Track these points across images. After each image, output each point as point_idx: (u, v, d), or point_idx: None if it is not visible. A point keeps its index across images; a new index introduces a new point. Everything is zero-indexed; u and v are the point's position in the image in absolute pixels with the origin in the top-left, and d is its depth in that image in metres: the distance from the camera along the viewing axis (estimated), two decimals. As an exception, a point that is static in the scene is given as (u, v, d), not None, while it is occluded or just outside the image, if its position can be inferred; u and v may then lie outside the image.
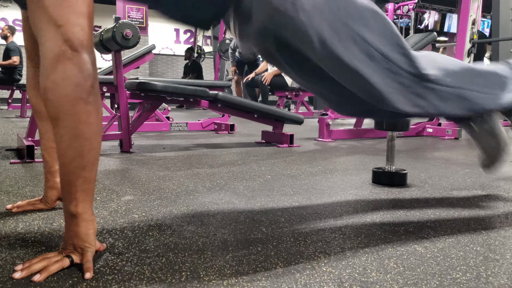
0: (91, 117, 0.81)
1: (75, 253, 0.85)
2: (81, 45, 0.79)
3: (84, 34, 0.79)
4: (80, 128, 0.80)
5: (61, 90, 0.78)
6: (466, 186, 1.70)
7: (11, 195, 1.43)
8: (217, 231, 1.10)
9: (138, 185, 1.63)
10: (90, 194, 0.87)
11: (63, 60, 0.77)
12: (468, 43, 4.59)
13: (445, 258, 0.94)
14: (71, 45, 0.77)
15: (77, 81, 0.78)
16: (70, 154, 0.82)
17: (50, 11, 0.76)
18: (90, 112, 0.81)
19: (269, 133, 3.13)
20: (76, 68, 0.78)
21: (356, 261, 0.91)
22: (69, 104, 0.78)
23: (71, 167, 0.83)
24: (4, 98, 7.52)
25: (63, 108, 0.78)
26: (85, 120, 0.81)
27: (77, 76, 0.78)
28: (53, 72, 0.77)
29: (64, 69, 0.77)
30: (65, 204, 0.87)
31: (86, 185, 0.85)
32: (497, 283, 0.81)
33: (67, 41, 0.77)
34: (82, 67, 0.79)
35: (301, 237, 1.06)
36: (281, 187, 1.64)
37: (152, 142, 3.07)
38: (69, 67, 0.77)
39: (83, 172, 0.84)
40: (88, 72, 0.80)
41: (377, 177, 1.74)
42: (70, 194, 0.85)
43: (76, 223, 0.86)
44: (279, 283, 0.80)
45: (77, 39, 0.78)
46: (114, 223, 1.16)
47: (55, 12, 0.76)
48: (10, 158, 2.20)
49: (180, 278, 0.82)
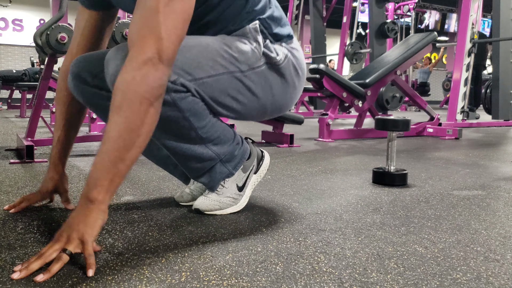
0: (149, 118, 0.90)
1: (71, 243, 0.85)
2: (168, 60, 0.91)
3: (173, 53, 0.92)
4: (137, 124, 0.88)
5: (135, 86, 0.88)
6: (467, 186, 1.70)
7: (10, 195, 1.43)
8: (217, 231, 1.10)
9: (138, 185, 1.63)
10: (115, 187, 0.91)
11: (149, 64, 0.88)
12: (468, 43, 4.59)
13: (445, 258, 0.94)
14: (161, 56, 0.89)
15: (152, 85, 0.89)
16: (118, 143, 0.88)
17: (158, 26, 0.90)
18: (151, 114, 0.90)
19: (269, 133, 3.13)
20: (156, 75, 0.89)
21: (356, 261, 0.91)
22: (136, 100, 0.87)
23: (113, 155, 0.88)
24: (4, 98, 7.52)
25: (129, 101, 0.87)
26: (143, 119, 0.89)
27: (153, 81, 0.89)
28: (137, 70, 0.88)
29: (146, 72, 0.88)
30: (87, 189, 0.89)
31: (117, 178, 0.90)
32: (497, 284, 0.81)
33: (159, 52, 0.89)
34: (161, 77, 0.90)
35: (301, 237, 1.06)
36: (281, 187, 1.64)
37: (152, 142, 3.07)
38: (151, 72, 0.88)
39: (121, 164, 0.88)
40: (162, 83, 0.91)
41: (377, 177, 1.74)
42: (98, 179, 0.88)
43: (90, 209, 0.88)
44: (279, 283, 0.80)
45: (167, 54, 0.91)
46: (114, 223, 1.15)
47: (162, 29, 0.90)
48: (9, 158, 2.20)
49: (180, 279, 0.82)
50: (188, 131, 1.11)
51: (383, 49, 6.82)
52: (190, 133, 1.12)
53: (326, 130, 3.35)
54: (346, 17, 7.55)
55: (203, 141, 1.15)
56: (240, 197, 1.28)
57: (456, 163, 2.26)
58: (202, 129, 1.12)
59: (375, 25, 6.86)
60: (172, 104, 1.04)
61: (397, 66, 3.62)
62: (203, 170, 1.21)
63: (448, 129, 3.63)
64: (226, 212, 1.25)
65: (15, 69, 7.30)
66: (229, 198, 1.25)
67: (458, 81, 4.58)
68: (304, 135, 3.65)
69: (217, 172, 1.22)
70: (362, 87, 3.44)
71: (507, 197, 1.53)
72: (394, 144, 1.74)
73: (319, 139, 3.36)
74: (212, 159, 1.19)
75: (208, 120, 1.13)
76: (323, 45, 8.60)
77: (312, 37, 8.71)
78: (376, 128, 1.76)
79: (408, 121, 1.70)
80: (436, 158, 2.43)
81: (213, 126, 1.15)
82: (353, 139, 3.44)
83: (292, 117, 3.10)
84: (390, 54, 3.88)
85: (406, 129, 1.70)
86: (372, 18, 6.92)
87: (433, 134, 3.75)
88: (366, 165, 2.17)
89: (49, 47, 2.21)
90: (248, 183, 1.30)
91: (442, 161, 2.34)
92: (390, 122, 1.70)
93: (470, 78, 4.63)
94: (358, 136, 3.53)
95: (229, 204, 1.25)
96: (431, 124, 3.82)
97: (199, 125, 1.11)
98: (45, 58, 2.40)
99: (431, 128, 3.79)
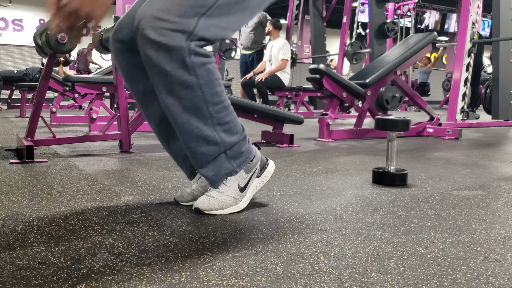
0: None
1: None
2: None
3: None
4: None
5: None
6: (467, 186, 1.70)
7: (10, 195, 1.43)
8: (217, 231, 1.10)
9: (138, 185, 1.63)
10: None
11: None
12: (468, 43, 4.59)
13: (445, 258, 0.94)
14: None
15: None
16: None
17: None
18: None
19: (269, 133, 3.13)
20: None
21: (356, 261, 0.91)
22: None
23: None
24: (4, 98, 7.52)
25: None
26: None
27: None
28: None
29: None
30: None
31: None
32: (497, 284, 0.81)
33: None
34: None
35: (301, 237, 1.06)
36: (281, 187, 1.64)
37: (152, 142, 3.07)
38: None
39: None
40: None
41: (377, 177, 1.74)
42: None
43: None
44: (279, 283, 0.80)
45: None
46: (113, 223, 1.15)
47: None
48: (9, 158, 2.20)
49: (180, 279, 0.82)
50: (200, 102, 1.12)
51: (383, 49, 6.82)
52: (202, 105, 1.12)
53: (326, 130, 3.35)
54: (346, 17, 7.55)
55: (213, 121, 1.15)
56: (241, 198, 1.28)
57: (456, 163, 2.26)
58: (214, 107, 1.13)
59: (375, 25, 6.86)
60: (191, 68, 1.08)
61: (397, 66, 3.61)
62: (208, 158, 1.21)
63: (448, 129, 3.63)
64: (226, 212, 1.25)
65: (16, 69, 7.29)
66: (229, 198, 1.25)
67: (458, 81, 4.58)
68: (304, 135, 3.65)
69: (222, 167, 1.23)
70: (362, 87, 3.44)
71: (507, 197, 1.53)
72: (394, 144, 1.74)
73: (319, 139, 3.36)
74: (218, 144, 1.19)
75: (222, 100, 1.14)
76: (323, 45, 8.59)
77: (312, 37, 8.70)
78: (376, 128, 1.76)
79: (408, 121, 1.70)
80: (436, 158, 2.43)
81: (225, 108, 1.16)
82: (353, 139, 3.44)
83: (292, 117, 3.10)
84: (390, 54, 3.88)
85: (406, 129, 1.70)
86: (372, 18, 6.92)
87: (433, 134, 3.75)
88: (366, 165, 2.17)
89: (49, 47, 2.21)
90: (250, 185, 1.30)
91: (442, 161, 2.34)
92: (390, 122, 1.70)
93: (470, 79, 4.63)
94: (358, 136, 3.53)
95: (229, 204, 1.26)
96: (431, 124, 3.82)
97: (212, 100, 1.12)
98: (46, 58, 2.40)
99: (431, 128, 3.79)
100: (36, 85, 3.07)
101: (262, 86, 5.75)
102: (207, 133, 1.16)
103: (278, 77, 5.80)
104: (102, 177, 1.77)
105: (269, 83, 5.75)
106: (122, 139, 2.55)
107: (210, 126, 1.16)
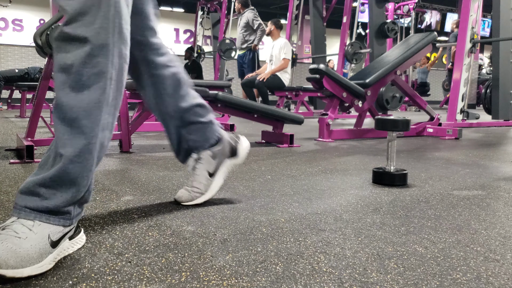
0: None
1: None
2: None
3: None
4: None
5: None
6: (467, 186, 1.70)
7: (10, 195, 1.43)
8: (217, 231, 1.10)
9: (138, 185, 1.63)
10: None
11: None
12: (468, 43, 4.58)
13: (445, 258, 0.94)
14: None
15: None
16: None
17: None
18: None
19: (269, 133, 3.13)
20: None
21: (356, 261, 0.91)
22: None
23: None
24: (4, 98, 7.52)
25: None
26: None
27: None
28: None
29: None
30: None
31: None
32: (497, 284, 0.81)
33: None
34: None
35: (301, 237, 1.06)
36: (281, 187, 1.64)
37: (152, 142, 3.07)
38: None
39: None
40: None
41: (377, 177, 1.74)
42: None
43: None
44: (279, 283, 0.80)
45: None
46: (113, 223, 1.15)
47: None
48: (9, 158, 2.20)
49: (180, 279, 0.81)
50: None
51: (383, 49, 6.82)
52: None
53: (326, 130, 3.35)
54: (346, 17, 7.55)
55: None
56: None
57: (456, 163, 2.26)
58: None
59: (375, 25, 6.86)
60: None
61: (397, 66, 3.61)
62: None
63: (448, 129, 3.63)
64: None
65: (16, 69, 7.29)
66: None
67: (458, 81, 4.58)
68: (304, 135, 3.65)
69: None
70: (362, 87, 3.44)
71: (507, 197, 1.53)
72: (394, 144, 1.74)
73: (319, 139, 3.36)
74: None
75: None
76: (323, 45, 8.60)
77: (312, 37, 8.70)
78: (376, 128, 1.76)
79: (408, 121, 1.70)
80: (436, 158, 2.43)
81: None
82: (353, 139, 3.44)
83: (292, 117, 3.10)
84: (390, 54, 3.88)
85: (406, 129, 1.70)
86: (372, 18, 6.92)
87: (433, 134, 3.75)
88: (366, 165, 2.17)
89: (49, 47, 2.21)
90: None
91: (442, 161, 2.34)
92: (390, 122, 1.70)
93: (469, 79, 4.63)
94: (358, 136, 3.53)
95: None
96: (431, 124, 3.82)
97: None
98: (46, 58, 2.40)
99: (431, 128, 3.79)
100: (36, 85, 3.06)
101: (262, 86, 5.75)
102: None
103: (279, 77, 5.81)
104: (102, 177, 1.77)
105: (269, 83, 5.75)
106: (122, 139, 2.55)
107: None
